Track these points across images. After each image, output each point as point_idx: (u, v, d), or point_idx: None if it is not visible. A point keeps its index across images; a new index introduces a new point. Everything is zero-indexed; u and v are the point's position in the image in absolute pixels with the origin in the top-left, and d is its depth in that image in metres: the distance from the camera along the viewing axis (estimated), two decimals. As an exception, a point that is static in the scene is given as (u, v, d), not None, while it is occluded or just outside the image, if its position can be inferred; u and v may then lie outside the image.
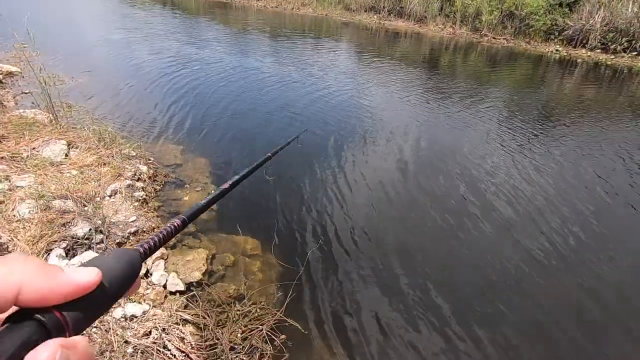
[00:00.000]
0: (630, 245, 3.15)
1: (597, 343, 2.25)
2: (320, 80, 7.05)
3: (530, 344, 2.21)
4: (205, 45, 9.08)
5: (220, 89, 6.10)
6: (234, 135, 4.53)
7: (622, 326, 2.38)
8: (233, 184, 0.75)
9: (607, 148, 4.97)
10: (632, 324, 2.40)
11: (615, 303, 2.56)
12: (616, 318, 2.44)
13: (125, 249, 0.36)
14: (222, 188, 0.72)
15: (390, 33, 13.72)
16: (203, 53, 8.28)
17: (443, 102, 6.39)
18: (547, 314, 2.43)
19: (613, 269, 2.87)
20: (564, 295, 2.59)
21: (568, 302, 2.55)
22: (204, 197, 0.63)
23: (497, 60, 10.54)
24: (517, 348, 2.18)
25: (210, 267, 2.57)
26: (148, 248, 0.41)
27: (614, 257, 2.99)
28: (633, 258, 3.00)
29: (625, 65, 10.30)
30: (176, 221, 0.49)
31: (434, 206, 3.46)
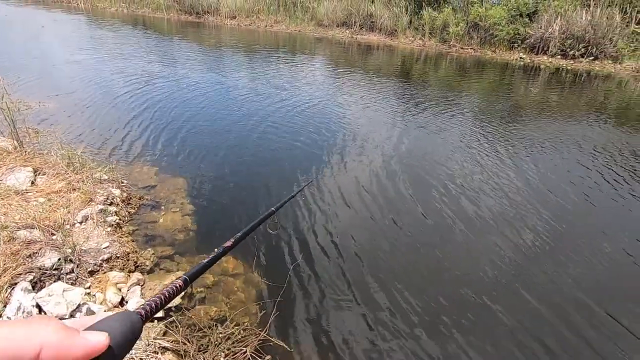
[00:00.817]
0: (596, 238, 3.27)
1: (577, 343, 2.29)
2: (296, 94, 7.11)
3: (507, 349, 2.23)
4: (179, 64, 9.02)
5: (196, 108, 6.04)
6: (210, 154, 4.47)
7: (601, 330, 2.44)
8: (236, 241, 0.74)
9: (571, 146, 5.20)
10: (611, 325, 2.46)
11: (594, 299, 2.64)
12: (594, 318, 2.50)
13: (128, 313, 0.37)
14: (224, 246, 0.72)
15: (363, 46, 14.06)
16: (176, 72, 8.21)
17: (418, 110, 6.55)
18: (522, 318, 2.46)
19: (584, 262, 2.96)
20: (542, 295, 2.64)
21: (546, 301, 2.60)
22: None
23: (466, 69, 10.95)
24: (493, 353, 2.19)
25: (190, 290, 2.48)
26: (149, 310, 0.42)
27: (583, 251, 3.09)
28: (599, 249, 3.11)
29: (584, 69, 10.91)
30: (178, 282, 0.49)
31: (416, 216, 3.49)
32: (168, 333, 2.11)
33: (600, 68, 10.97)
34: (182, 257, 2.80)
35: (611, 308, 2.52)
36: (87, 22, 15.16)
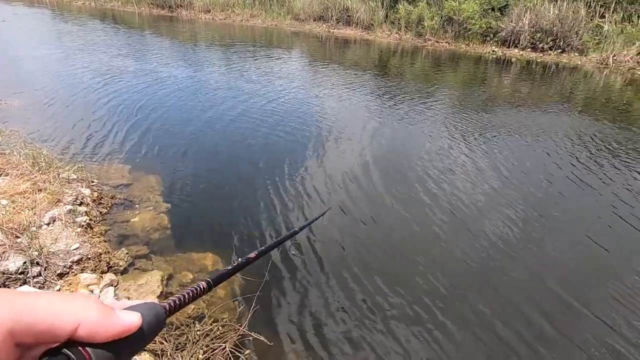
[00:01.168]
0: (569, 218, 3.41)
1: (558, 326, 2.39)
2: (273, 89, 7.03)
3: (486, 336, 2.30)
4: (151, 60, 8.75)
5: (169, 104, 5.89)
6: (185, 150, 4.38)
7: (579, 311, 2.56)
8: (259, 254, 0.76)
9: (541, 134, 5.39)
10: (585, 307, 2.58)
11: (570, 283, 2.75)
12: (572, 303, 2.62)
13: (154, 303, 0.39)
14: (248, 257, 0.73)
15: (340, 41, 14.05)
16: (148, 67, 7.96)
17: (395, 103, 6.62)
18: (505, 303, 2.55)
19: (560, 246, 3.09)
20: (520, 282, 2.74)
21: (525, 286, 2.69)
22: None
23: (441, 62, 11.14)
24: (469, 342, 2.26)
25: (166, 288, 2.43)
26: (173, 305, 0.43)
27: (553, 236, 3.22)
28: (573, 230, 3.25)
29: (553, 62, 11.31)
30: (202, 283, 0.50)
31: (394, 206, 3.53)
32: (144, 333, 2.06)
33: (567, 60, 11.40)
34: (158, 255, 2.73)
35: (581, 295, 2.65)
36: (51, 16, 14.45)
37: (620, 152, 4.93)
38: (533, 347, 2.17)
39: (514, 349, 2.15)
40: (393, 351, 2.11)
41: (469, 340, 2.21)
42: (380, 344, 2.14)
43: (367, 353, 2.08)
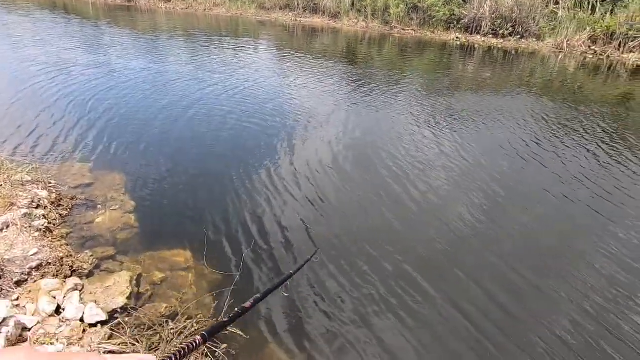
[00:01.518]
0: (536, 196, 3.60)
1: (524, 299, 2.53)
2: (241, 79, 6.87)
3: (461, 314, 2.40)
4: (106, 51, 8.29)
5: (128, 96, 5.62)
6: (149, 145, 4.21)
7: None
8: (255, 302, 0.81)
9: (503, 116, 5.61)
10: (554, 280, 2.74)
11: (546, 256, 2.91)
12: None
13: None
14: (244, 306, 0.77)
15: (307, 29, 13.89)
16: (103, 59, 7.54)
17: (364, 90, 6.65)
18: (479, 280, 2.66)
19: (529, 221, 3.25)
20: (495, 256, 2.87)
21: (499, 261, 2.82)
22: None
23: (408, 49, 11.29)
24: (437, 322, 2.35)
25: (136, 289, 2.35)
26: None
27: (514, 214, 3.39)
28: (539, 207, 3.43)
29: (513, 48, 11.74)
30: (197, 338, 0.50)
31: (363, 194, 3.58)
32: (114, 336, 1.99)
33: (526, 46, 11.86)
34: (126, 256, 2.63)
35: (539, 270, 2.81)
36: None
37: (572, 131, 5.23)
38: (498, 324, 2.29)
39: (479, 327, 2.26)
40: (365, 336, 2.16)
41: (437, 320, 2.29)
42: (353, 331, 2.18)
43: (342, 341, 2.11)
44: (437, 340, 2.15)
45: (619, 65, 9.77)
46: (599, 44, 11.01)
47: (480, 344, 2.13)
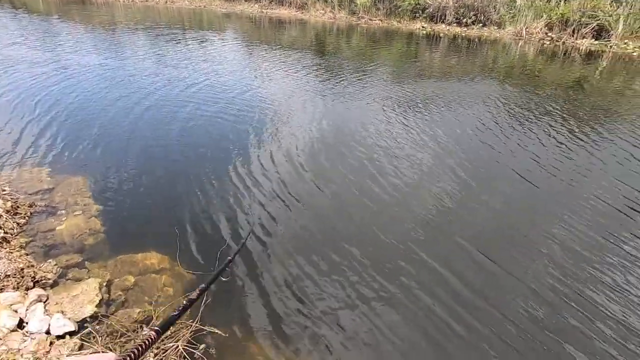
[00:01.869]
0: (500, 178, 3.75)
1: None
2: (208, 74, 6.67)
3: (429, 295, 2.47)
4: (60, 48, 7.80)
5: (86, 95, 5.33)
6: (111, 145, 4.02)
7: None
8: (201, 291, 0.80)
9: (469, 101, 5.79)
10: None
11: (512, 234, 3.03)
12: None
13: None
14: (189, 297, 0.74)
15: (274, 21, 13.66)
16: (56, 56, 7.09)
17: (335, 81, 6.64)
18: (447, 260, 2.74)
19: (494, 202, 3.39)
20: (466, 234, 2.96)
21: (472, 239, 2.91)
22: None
23: (376, 39, 11.37)
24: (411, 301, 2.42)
25: (106, 296, 2.26)
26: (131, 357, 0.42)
27: (491, 190, 3.53)
28: (502, 188, 3.57)
29: (476, 36, 12.09)
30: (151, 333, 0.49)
31: (338, 182, 3.59)
32: (85, 346, 1.91)
33: (488, 34, 12.25)
34: (93, 262, 2.52)
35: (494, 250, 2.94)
36: None
37: (532, 114, 5.47)
38: (467, 305, 2.38)
39: (449, 308, 2.34)
40: (341, 326, 2.18)
41: (406, 305, 2.35)
42: (329, 321, 2.20)
43: (319, 334, 2.12)
44: (407, 325, 2.21)
45: (573, 51, 10.30)
46: (554, 31, 11.55)
47: (448, 325, 2.20)
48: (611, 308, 2.31)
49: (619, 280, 2.53)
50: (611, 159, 4.26)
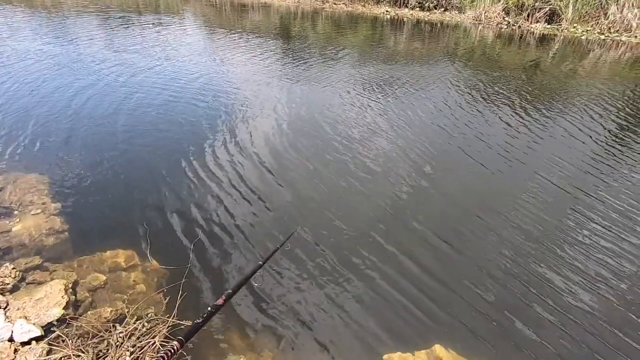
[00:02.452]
0: (454, 158, 3.91)
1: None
2: (170, 61, 6.36)
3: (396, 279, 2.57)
4: (6, 34, 7.12)
5: (28, 87, 4.93)
6: (69, 137, 3.78)
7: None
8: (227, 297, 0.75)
9: (433, 83, 5.95)
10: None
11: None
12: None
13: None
14: (215, 304, 0.71)
15: (236, 5, 13.17)
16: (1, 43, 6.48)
17: (302, 66, 6.56)
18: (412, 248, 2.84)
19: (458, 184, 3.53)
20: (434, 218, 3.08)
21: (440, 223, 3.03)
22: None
23: (341, 23, 11.29)
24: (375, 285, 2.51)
25: (73, 297, 2.15)
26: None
27: (454, 173, 3.68)
28: (463, 169, 3.74)
29: (438, 20, 12.33)
30: (174, 344, 0.48)
31: (307, 169, 3.59)
32: (53, 350, 1.82)
33: (449, 18, 12.52)
34: (57, 263, 2.38)
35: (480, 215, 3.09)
36: None
37: (492, 94, 5.72)
38: (427, 290, 2.50)
39: (410, 295, 2.45)
40: (316, 314, 2.23)
41: (370, 292, 2.44)
42: (307, 307, 2.24)
43: (299, 323, 2.16)
44: (366, 311, 2.29)
45: (528, 35, 10.78)
46: (511, 15, 12.00)
47: (406, 309, 2.31)
48: (557, 282, 2.51)
49: (566, 255, 2.74)
50: (559, 138, 4.56)
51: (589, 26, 11.04)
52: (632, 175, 3.77)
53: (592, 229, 2.96)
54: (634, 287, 2.46)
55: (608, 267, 2.60)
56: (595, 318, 2.23)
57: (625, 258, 2.69)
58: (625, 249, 2.77)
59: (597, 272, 2.55)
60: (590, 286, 2.44)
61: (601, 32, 10.72)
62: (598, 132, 4.72)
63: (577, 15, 11.20)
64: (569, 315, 2.23)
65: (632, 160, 4.09)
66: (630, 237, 2.88)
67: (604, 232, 2.94)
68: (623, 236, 2.89)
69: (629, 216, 3.13)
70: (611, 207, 3.24)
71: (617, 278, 2.52)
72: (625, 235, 2.91)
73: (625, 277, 2.53)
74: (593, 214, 3.15)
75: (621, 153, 4.23)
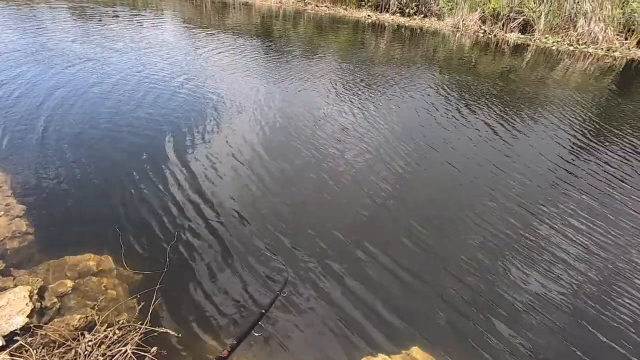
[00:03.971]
0: (431, 163, 3.99)
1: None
2: (147, 59, 6.18)
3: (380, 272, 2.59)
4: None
5: (2, 81, 4.68)
6: (37, 134, 3.60)
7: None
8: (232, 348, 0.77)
9: (413, 89, 6.06)
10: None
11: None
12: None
13: None
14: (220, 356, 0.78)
15: (217, 3, 12.99)
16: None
17: (282, 69, 6.53)
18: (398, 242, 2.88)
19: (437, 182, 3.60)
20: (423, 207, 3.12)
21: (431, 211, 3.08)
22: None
23: (323, 26, 11.33)
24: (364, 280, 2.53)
25: (38, 304, 2.04)
26: None
27: (431, 172, 3.75)
28: (440, 164, 3.82)
29: (418, 26, 12.58)
30: None
31: (287, 173, 3.57)
32: (16, 361, 1.72)
33: (429, 25, 12.80)
34: (20, 269, 2.26)
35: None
36: None
37: (468, 100, 5.89)
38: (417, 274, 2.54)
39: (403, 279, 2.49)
40: (293, 320, 2.22)
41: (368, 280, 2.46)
42: (284, 313, 2.22)
43: (277, 328, 2.13)
44: (346, 308, 2.30)
45: (503, 43, 11.16)
46: (487, 24, 12.39)
47: (389, 305, 2.34)
48: (531, 279, 2.61)
49: (536, 257, 2.86)
50: (534, 142, 4.74)
51: (560, 37, 11.56)
52: (589, 178, 3.96)
53: (560, 230, 3.09)
54: (599, 283, 2.58)
55: (576, 264, 2.72)
56: (571, 314, 2.32)
57: (589, 255, 2.82)
58: (588, 246, 2.91)
59: (568, 270, 2.66)
60: (563, 283, 2.54)
61: (570, 43, 11.25)
62: (564, 137, 4.94)
63: (549, 27, 11.70)
64: (545, 313, 2.32)
65: (590, 164, 4.30)
66: (594, 236, 3.03)
67: (574, 231, 3.07)
68: (588, 235, 3.04)
69: (590, 217, 3.29)
70: (574, 208, 3.39)
71: (585, 273, 2.63)
72: (588, 234, 3.05)
73: (591, 272, 2.66)
74: (559, 215, 3.28)
75: (581, 157, 4.45)
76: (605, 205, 3.52)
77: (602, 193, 3.73)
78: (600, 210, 3.44)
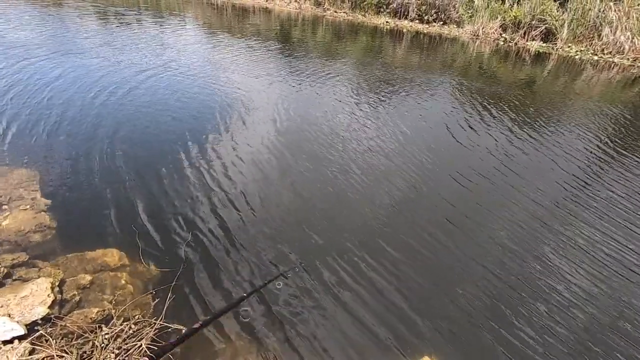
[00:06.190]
0: (459, 169, 3.95)
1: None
2: (171, 62, 6.35)
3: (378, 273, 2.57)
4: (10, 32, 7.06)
5: (27, 79, 4.89)
6: (62, 131, 3.73)
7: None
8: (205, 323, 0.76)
9: (432, 97, 6.01)
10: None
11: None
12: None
13: None
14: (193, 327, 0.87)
15: (238, 9, 13.24)
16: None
17: (303, 75, 6.59)
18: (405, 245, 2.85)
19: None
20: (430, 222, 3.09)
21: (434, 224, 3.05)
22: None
23: (341, 32, 11.39)
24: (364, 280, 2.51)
25: (59, 296, 2.11)
26: None
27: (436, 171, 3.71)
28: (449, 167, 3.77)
29: (437, 33, 12.51)
30: None
31: (305, 175, 3.59)
32: (36, 350, 1.78)
33: (448, 32, 12.72)
34: (44, 261, 2.34)
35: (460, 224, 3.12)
36: None
37: (489, 109, 5.80)
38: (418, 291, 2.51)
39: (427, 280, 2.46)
40: (300, 328, 2.22)
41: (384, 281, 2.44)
42: (292, 321, 2.22)
43: (282, 336, 2.14)
44: (369, 312, 2.29)
45: (524, 52, 10.98)
46: (508, 32, 12.23)
47: (403, 312, 2.31)
48: (551, 289, 2.54)
49: (552, 265, 2.78)
50: (555, 153, 4.63)
51: (583, 46, 11.29)
52: (612, 191, 3.84)
53: (585, 237, 3.00)
54: (615, 293, 2.49)
55: (592, 274, 2.63)
56: (586, 325, 2.25)
57: (606, 264, 2.72)
58: (607, 255, 2.81)
59: (582, 279, 2.58)
60: (577, 293, 2.47)
61: (594, 52, 10.97)
62: (585, 150, 4.81)
63: (572, 35, 11.46)
64: (564, 324, 2.25)
65: (612, 176, 4.16)
66: (611, 245, 2.93)
67: (594, 241, 2.98)
68: (606, 244, 2.94)
69: (610, 229, 3.18)
70: (591, 219, 3.29)
71: (602, 284, 2.54)
72: (607, 244, 2.95)
73: (608, 282, 2.56)
74: (576, 224, 3.19)
75: (602, 170, 4.31)
76: (631, 222, 3.40)
77: (627, 209, 3.61)
78: (624, 223, 3.33)
